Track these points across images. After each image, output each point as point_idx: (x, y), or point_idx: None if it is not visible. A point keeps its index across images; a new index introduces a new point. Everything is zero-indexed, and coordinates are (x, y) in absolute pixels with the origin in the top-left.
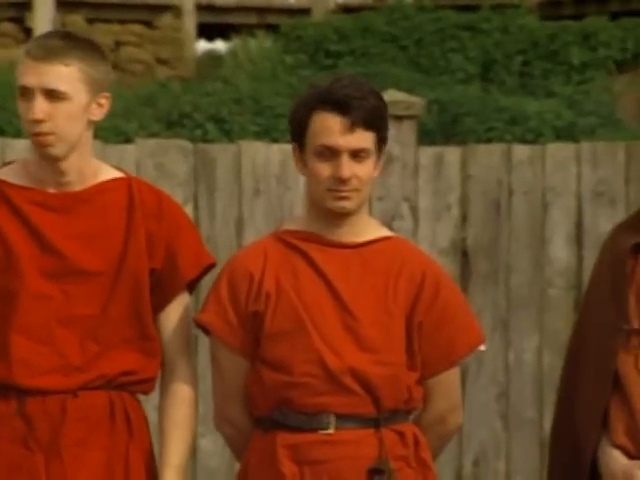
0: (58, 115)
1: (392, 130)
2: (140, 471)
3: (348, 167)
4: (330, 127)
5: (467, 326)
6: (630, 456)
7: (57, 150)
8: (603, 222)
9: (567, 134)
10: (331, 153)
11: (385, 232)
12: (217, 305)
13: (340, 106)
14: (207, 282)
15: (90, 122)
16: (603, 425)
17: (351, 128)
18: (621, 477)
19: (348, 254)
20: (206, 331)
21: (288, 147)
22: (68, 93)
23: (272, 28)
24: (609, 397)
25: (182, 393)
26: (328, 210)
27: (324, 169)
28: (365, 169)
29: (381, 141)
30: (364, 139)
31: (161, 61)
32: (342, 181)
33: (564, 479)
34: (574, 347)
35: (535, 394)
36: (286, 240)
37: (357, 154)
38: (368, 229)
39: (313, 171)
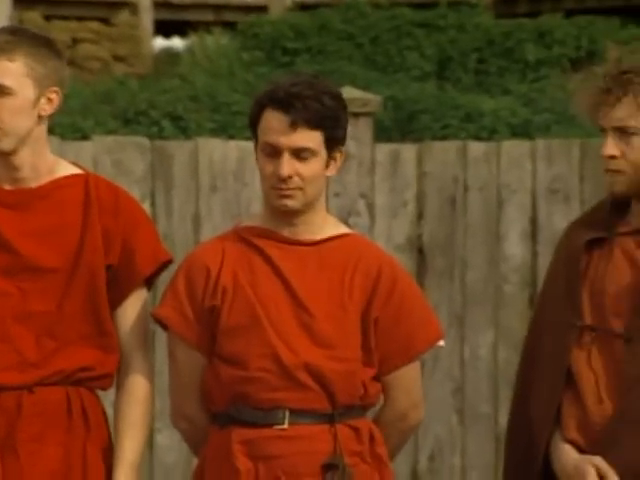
0: (3, 109)
1: (348, 127)
2: (98, 467)
3: (288, 166)
4: (273, 125)
5: (425, 321)
6: (581, 451)
7: (4, 144)
8: (558, 219)
9: (522, 131)
10: (274, 151)
11: (343, 229)
12: (174, 300)
13: (283, 105)
14: (166, 279)
15: (41, 117)
16: (557, 421)
17: (293, 127)
18: (572, 471)
19: (305, 251)
20: (163, 326)
21: (245, 144)
22: (13, 88)
23: (229, 25)
24: (562, 393)
25: (138, 389)
26: (275, 207)
27: (268, 166)
28: (309, 168)
29: (332, 141)
30: (307, 138)
31: (118, 58)
32: (282, 179)
33: (518, 474)
34: (529, 343)
35: (490, 389)
36: (244, 236)
37: (299, 153)
38: (325, 227)
39: (260, 169)
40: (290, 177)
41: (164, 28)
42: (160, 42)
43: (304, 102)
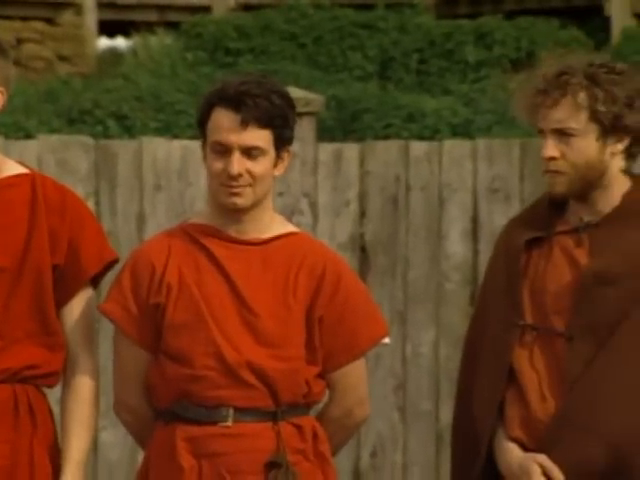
0: None
1: None
2: (44, 464)
3: (239, 164)
4: (223, 123)
5: (370, 319)
6: (525, 448)
7: None
8: (498, 217)
9: (463, 131)
10: (224, 149)
11: (290, 228)
12: (119, 295)
13: (234, 103)
14: (111, 277)
15: None
16: (500, 418)
17: (243, 125)
18: (517, 469)
19: (250, 250)
20: (110, 320)
21: (189, 143)
22: None
23: (172, 25)
24: (505, 391)
25: (84, 388)
26: (224, 205)
27: (218, 164)
28: (259, 166)
29: (281, 140)
30: (257, 137)
31: (62, 58)
32: (232, 177)
33: (464, 471)
34: (471, 341)
35: (431, 386)
36: (190, 234)
37: (249, 151)
38: (272, 225)
39: (208, 167)
40: (240, 175)
41: (108, 28)
42: (104, 42)
43: (254, 101)
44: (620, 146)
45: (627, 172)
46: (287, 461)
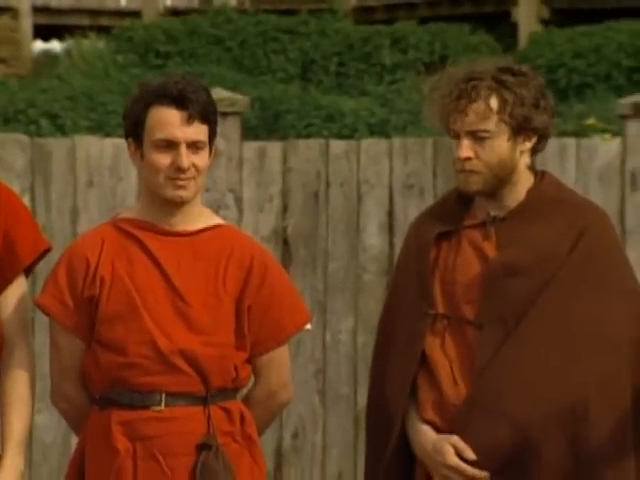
0: None
1: (218, 126)
2: None
3: (186, 157)
4: (168, 120)
5: (294, 307)
6: (438, 430)
7: None
8: (412, 212)
9: (380, 130)
10: (169, 145)
11: (216, 220)
12: (55, 289)
13: (177, 100)
14: (43, 269)
15: None
16: (412, 401)
17: (189, 121)
18: (431, 450)
19: (180, 242)
20: (46, 313)
21: (120, 141)
22: None
23: (104, 29)
24: (418, 376)
25: (20, 373)
26: (165, 199)
27: (164, 159)
28: (202, 159)
29: (213, 134)
30: (200, 131)
31: None
32: (181, 170)
33: (377, 451)
34: (383, 329)
35: (350, 372)
36: (122, 228)
37: (194, 145)
38: (200, 218)
39: (152, 162)
40: (188, 168)
41: (43, 32)
42: (39, 45)
43: (196, 97)
44: (528, 145)
45: (531, 168)
46: (217, 443)
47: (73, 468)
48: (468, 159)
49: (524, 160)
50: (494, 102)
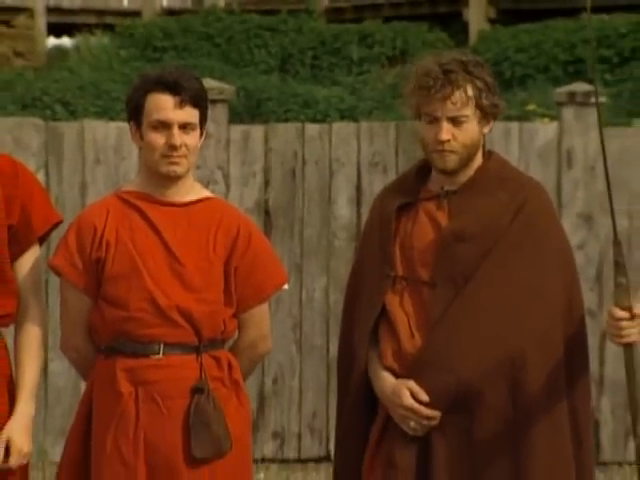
0: None
1: (208, 112)
2: (2, 392)
3: (179, 137)
4: (163, 104)
5: (274, 270)
6: (396, 376)
7: None
8: (377, 186)
9: (349, 115)
10: (164, 126)
11: (206, 193)
12: (66, 252)
13: (171, 87)
14: (57, 236)
15: None
16: (375, 350)
17: (181, 105)
18: (390, 393)
19: (175, 212)
20: (57, 273)
21: (123, 124)
22: None
23: (109, 27)
24: (380, 329)
25: (33, 328)
26: (160, 174)
27: (159, 139)
28: (192, 139)
29: (204, 118)
30: (191, 114)
31: (17, 54)
32: (174, 148)
33: (346, 390)
34: (351, 289)
35: (323, 325)
36: (125, 199)
37: (185, 126)
38: (192, 191)
39: (149, 142)
40: (180, 146)
41: (55, 29)
42: (52, 41)
43: (188, 84)
44: (488, 127)
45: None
46: (208, 387)
47: (82, 409)
48: (448, 141)
49: (481, 141)
50: (470, 91)
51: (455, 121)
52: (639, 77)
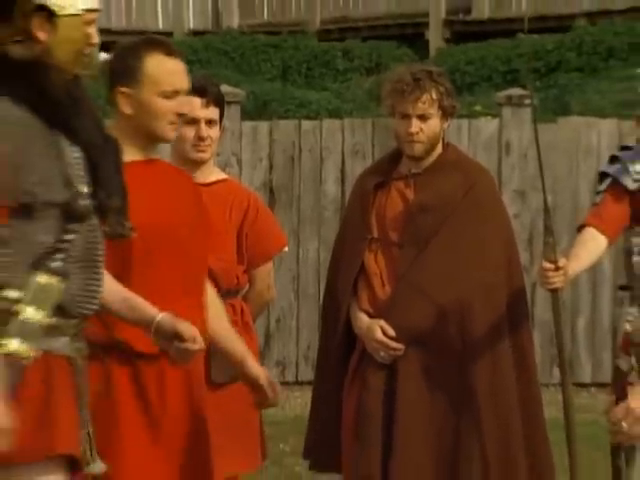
0: None
1: (225, 111)
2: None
3: (205, 130)
4: (192, 106)
5: (276, 236)
6: (370, 316)
7: None
8: (358, 170)
9: (335, 114)
10: (194, 121)
11: (223, 175)
12: None
13: (199, 91)
14: None
15: None
16: (354, 297)
17: (206, 105)
18: (365, 330)
19: (202, 190)
20: None
21: None
22: None
23: None
24: (359, 280)
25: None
26: (190, 159)
27: (189, 132)
28: (214, 132)
29: (222, 116)
30: (214, 112)
31: None
32: (202, 139)
33: (328, 328)
34: (336, 249)
35: (315, 278)
36: None
37: (209, 122)
38: (213, 174)
39: (181, 134)
40: (206, 138)
41: (103, 47)
42: (103, 56)
43: (211, 90)
44: (447, 124)
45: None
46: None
47: None
48: (417, 133)
49: (441, 135)
50: (435, 94)
51: (422, 118)
52: (562, 84)
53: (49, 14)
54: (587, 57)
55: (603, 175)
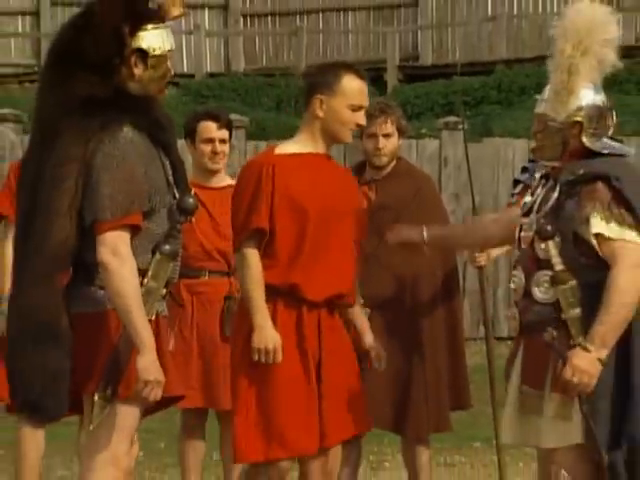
0: None
1: (232, 134)
2: None
3: (219, 147)
4: (209, 128)
5: None
6: None
7: None
8: None
9: None
10: (210, 140)
11: (232, 182)
12: None
13: (214, 118)
14: None
15: None
16: None
17: (220, 128)
18: None
19: (215, 193)
20: None
21: (181, 142)
22: None
23: (175, 83)
24: None
25: None
26: (208, 169)
27: (207, 148)
28: (226, 148)
29: (231, 136)
30: (225, 134)
31: None
32: (216, 154)
33: None
34: None
35: None
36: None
37: (222, 141)
38: (224, 180)
39: (201, 150)
40: (220, 152)
41: None
42: None
43: (223, 117)
44: (401, 142)
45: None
46: (234, 296)
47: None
48: (382, 148)
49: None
50: (395, 119)
51: (386, 136)
52: (486, 113)
53: (143, 54)
54: (505, 93)
55: (516, 182)
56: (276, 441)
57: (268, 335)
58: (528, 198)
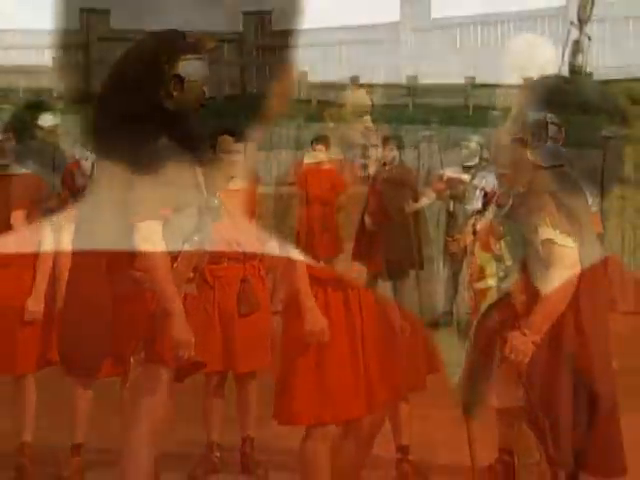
0: None
1: None
2: None
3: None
4: (229, 142)
5: None
6: None
7: None
8: None
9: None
10: (228, 151)
11: (242, 184)
12: None
13: (231, 133)
14: None
15: None
16: None
17: (236, 141)
18: None
19: (230, 193)
20: None
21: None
22: None
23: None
24: None
25: None
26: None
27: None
28: (240, 158)
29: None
30: (240, 146)
31: None
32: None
33: None
34: None
35: None
36: None
37: (237, 152)
38: (238, 184)
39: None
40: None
41: None
42: None
43: (238, 132)
44: None
45: None
46: (248, 279)
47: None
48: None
49: None
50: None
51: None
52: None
53: (180, 80)
54: None
55: None
56: (328, 406)
57: (317, 317)
58: None
